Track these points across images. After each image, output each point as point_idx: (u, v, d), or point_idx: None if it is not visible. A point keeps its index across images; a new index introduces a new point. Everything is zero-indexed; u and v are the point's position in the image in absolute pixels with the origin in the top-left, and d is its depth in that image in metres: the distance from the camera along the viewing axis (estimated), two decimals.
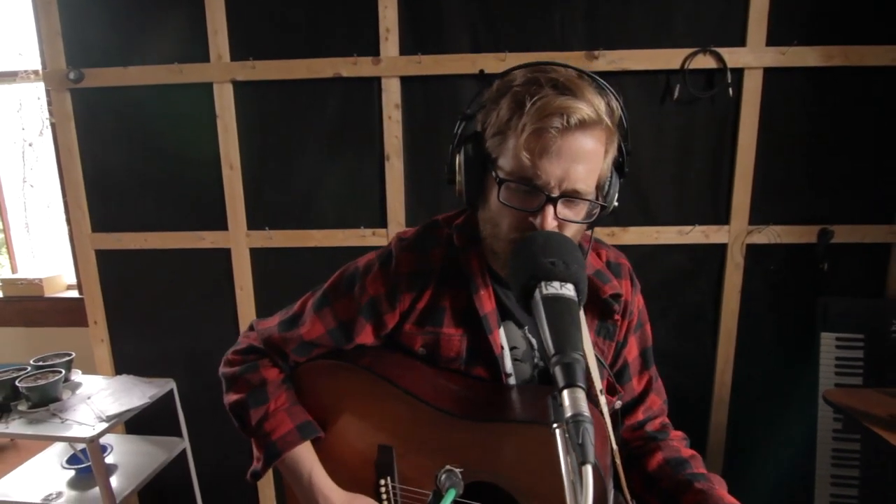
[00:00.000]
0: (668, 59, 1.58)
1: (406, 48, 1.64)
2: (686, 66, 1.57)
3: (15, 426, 1.50)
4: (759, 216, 1.65)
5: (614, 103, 0.62)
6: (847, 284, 1.67)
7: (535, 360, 0.75)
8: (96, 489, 1.55)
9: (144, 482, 1.63)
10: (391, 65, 1.63)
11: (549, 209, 0.60)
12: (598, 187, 0.65)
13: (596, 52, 1.58)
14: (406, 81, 1.65)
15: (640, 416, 0.78)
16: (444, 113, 1.67)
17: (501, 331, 0.73)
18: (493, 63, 1.61)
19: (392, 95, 1.65)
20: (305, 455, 0.77)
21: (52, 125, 2.06)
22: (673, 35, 1.58)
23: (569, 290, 0.50)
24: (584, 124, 0.58)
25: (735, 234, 1.66)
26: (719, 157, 1.64)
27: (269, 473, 1.92)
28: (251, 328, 0.83)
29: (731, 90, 1.57)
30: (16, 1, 2.18)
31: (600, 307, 0.74)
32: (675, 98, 1.60)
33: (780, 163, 1.63)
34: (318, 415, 0.79)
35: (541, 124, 0.58)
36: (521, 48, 1.60)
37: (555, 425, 0.41)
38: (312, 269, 1.79)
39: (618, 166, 0.67)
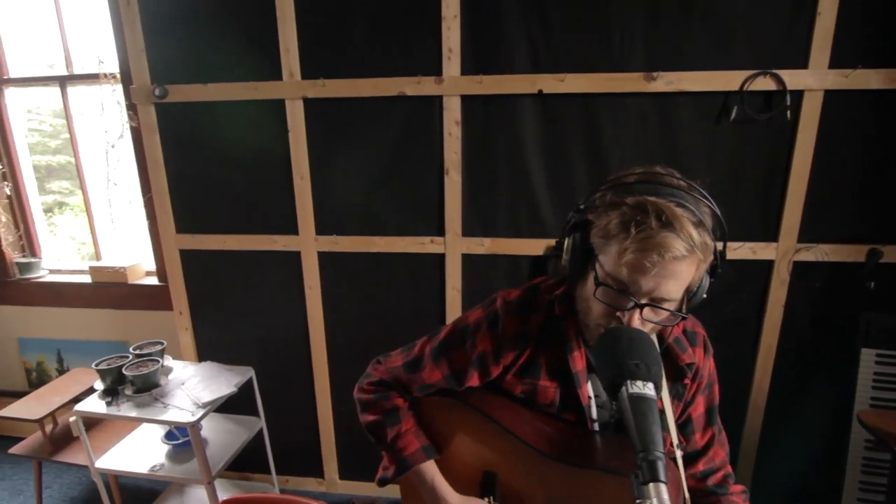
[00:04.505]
0: (726, 80, 1.60)
1: (467, 68, 1.70)
2: (745, 88, 1.59)
3: (125, 409, 1.74)
4: (807, 235, 1.70)
5: (711, 240, 0.70)
6: (891, 302, 1.71)
7: (613, 410, 0.87)
8: (193, 462, 1.80)
9: (233, 457, 1.87)
10: (453, 84, 1.71)
11: (636, 313, 0.71)
12: (688, 289, 0.74)
13: (654, 74, 1.61)
14: (466, 100, 1.73)
15: (700, 466, 0.89)
16: (503, 130, 1.74)
17: (589, 384, 0.86)
18: (552, 83, 1.66)
19: (453, 113, 1.74)
20: (428, 466, 0.95)
21: (133, 129, 2.23)
22: (733, 56, 1.59)
23: (650, 389, 0.61)
24: (677, 259, 0.68)
25: (783, 251, 1.71)
26: (772, 177, 1.68)
27: (331, 448, 2.15)
28: (378, 362, 0.99)
29: (788, 113, 1.59)
30: (89, 8, 2.31)
31: (675, 371, 0.85)
32: (732, 119, 1.63)
33: (833, 183, 1.66)
34: (434, 438, 0.97)
35: (640, 256, 0.68)
36: (579, 69, 1.65)
37: (637, 501, 0.54)
38: (375, 271, 1.94)
39: (711, 269, 0.75)
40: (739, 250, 1.72)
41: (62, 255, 2.74)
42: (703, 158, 1.69)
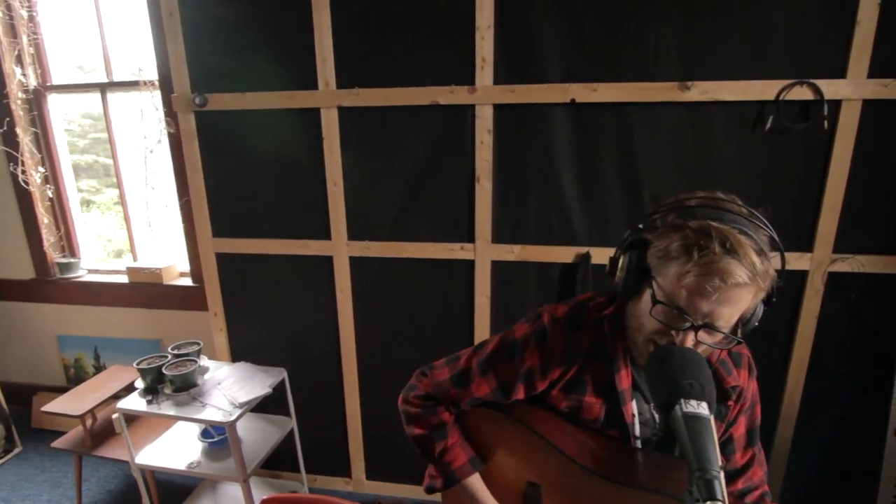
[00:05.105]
0: (762, 90, 1.59)
1: (500, 77, 1.72)
2: (781, 98, 1.58)
3: (165, 407, 1.80)
4: (843, 245, 1.68)
5: (771, 269, 0.71)
6: None
7: (655, 428, 0.89)
8: (229, 460, 1.85)
9: (266, 457, 1.91)
10: (486, 93, 1.73)
11: (690, 334, 0.72)
12: (741, 316, 0.75)
13: (688, 83, 1.61)
14: (498, 109, 1.75)
15: (739, 485, 0.91)
16: (534, 138, 1.76)
17: (633, 401, 0.87)
18: (584, 92, 1.67)
19: (485, 122, 1.76)
20: (475, 481, 0.98)
21: (170, 135, 2.30)
22: (769, 65, 1.58)
23: (704, 409, 0.63)
24: (739, 285, 0.69)
25: (818, 262, 1.69)
26: (807, 186, 1.66)
27: (359, 449, 2.19)
28: (423, 374, 1.01)
29: (825, 123, 1.57)
30: (129, 17, 2.39)
31: (720, 393, 0.85)
32: (767, 129, 1.62)
33: (870, 194, 1.63)
34: (478, 449, 0.99)
35: (702, 280, 0.69)
36: (612, 78, 1.66)
37: None
38: (405, 276, 1.97)
39: (766, 299, 0.76)
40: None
41: (89, 251, 2.85)
42: (737, 168, 1.68)
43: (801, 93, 1.57)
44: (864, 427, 1.79)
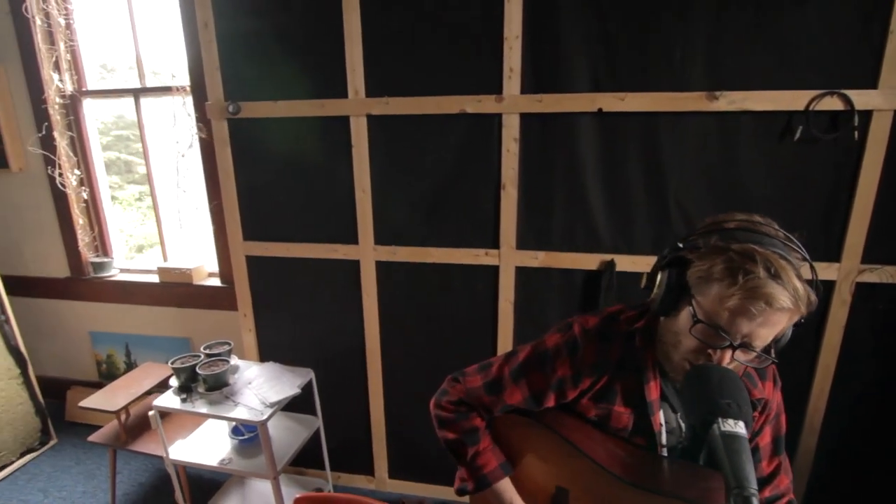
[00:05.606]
0: (792, 100, 1.59)
1: (527, 86, 1.75)
2: (811, 108, 1.58)
3: (199, 405, 1.86)
4: (872, 255, 1.67)
5: (812, 295, 0.73)
6: None
7: (681, 438, 0.92)
8: (260, 457, 1.91)
9: (294, 455, 1.97)
10: (513, 103, 1.75)
11: (728, 353, 0.75)
12: (775, 337, 0.77)
13: (717, 93, 1.62)
14: (525, 117, 1.77)
15: (766, 493, 0.93)
16: (560, 147, 1.78)
17: (661, 412, 0.90)
18: (611, 101, 1.69)
19: (511, 130, 1.78)
20: (506, 485, 1.01)
21: (201, 140, 2.37)
22: (798, 75, 1.58)
23: (741, 428, 0.65)
24: (782, 310, 0.71)
25: (845, 272, 1.69)
26: (836, 196, 1.66)
27: (382, 448, 2.24)
28: (456, 380, 1.05)
29: (856, 133, 1.57)
30: (160, 24, 2.46)
31: None
32: (796, 139, 1.62)
33: None
34: (508, 453, 1.03)
35: (747, 303, 0.71)
36: (640, 88, 1.67)
37: None
38: (430, 281, 2.01)
39: (797, 320, 0.77)
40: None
41: (118, 248, 2.95)
42: (765, 178, 1.68)
43: (831, 103, 1.57)
44: (890, 437, 1.79)
